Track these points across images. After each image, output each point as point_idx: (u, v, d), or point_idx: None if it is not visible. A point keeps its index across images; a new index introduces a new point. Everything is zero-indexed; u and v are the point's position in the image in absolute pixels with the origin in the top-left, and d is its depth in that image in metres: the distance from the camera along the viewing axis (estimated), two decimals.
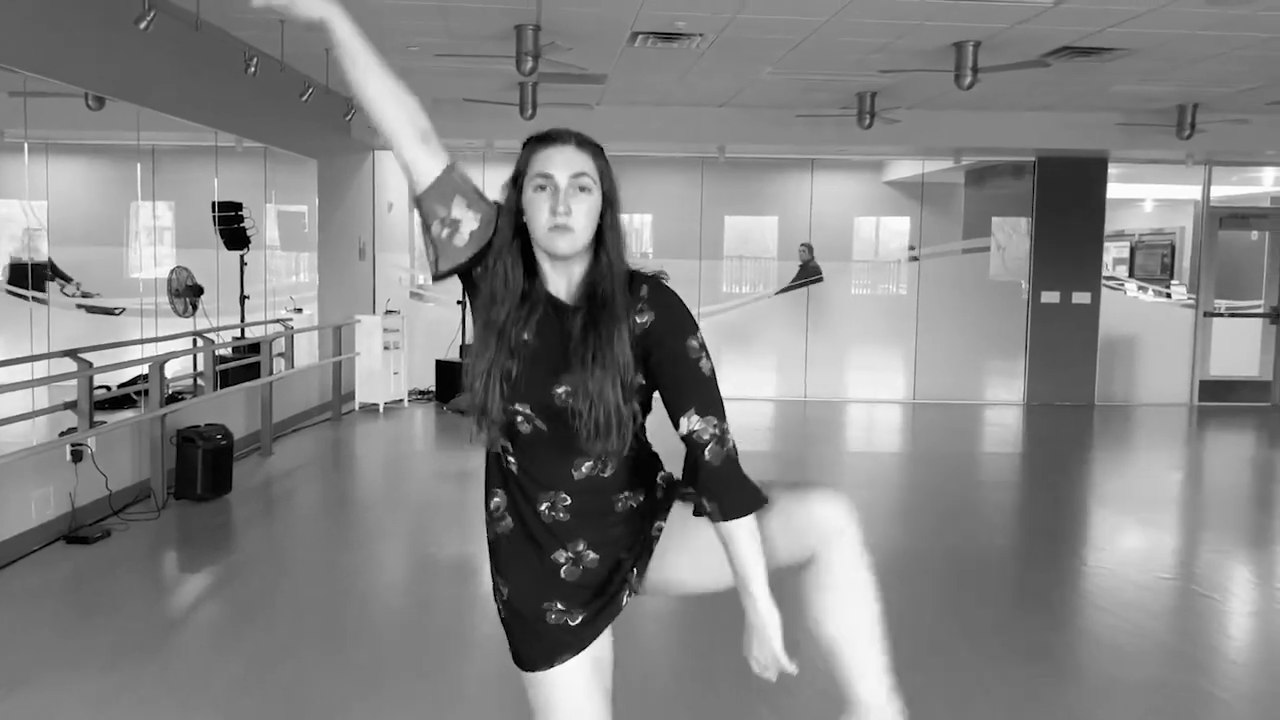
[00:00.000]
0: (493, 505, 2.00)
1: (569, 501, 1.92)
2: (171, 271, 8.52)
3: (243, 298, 9.34)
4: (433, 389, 11.29)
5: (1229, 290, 12.57)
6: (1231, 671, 4.33)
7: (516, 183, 1.89)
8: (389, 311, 10.88)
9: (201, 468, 6.43)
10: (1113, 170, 11.69)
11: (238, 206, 8.91)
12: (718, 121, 10.67)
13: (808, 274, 12.14)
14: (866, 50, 7.82)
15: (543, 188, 1.85)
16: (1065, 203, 11.55)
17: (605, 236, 1.88)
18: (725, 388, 1.91)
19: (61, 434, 6.06)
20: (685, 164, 12.14)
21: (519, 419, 1.89)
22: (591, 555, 1.95)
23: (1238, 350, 12.29)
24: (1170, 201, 16.32)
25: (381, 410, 10.44)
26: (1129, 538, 6.58)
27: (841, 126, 10.29)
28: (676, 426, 1.86)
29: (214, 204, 8.70)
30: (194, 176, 8.95)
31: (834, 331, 12.28)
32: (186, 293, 8.88)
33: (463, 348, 11.16)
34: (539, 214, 1.84)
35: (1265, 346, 12.32)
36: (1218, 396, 12.11)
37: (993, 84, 8.18)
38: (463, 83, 9.44)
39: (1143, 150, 10.88)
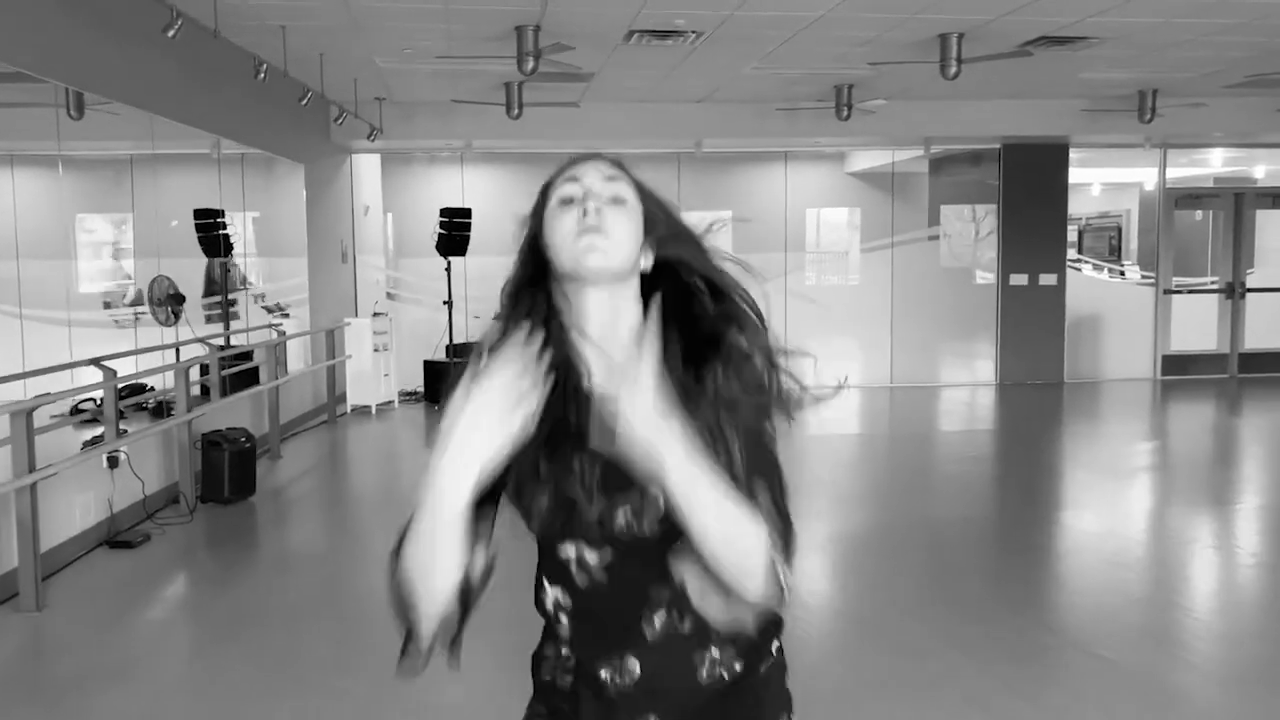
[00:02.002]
0: (547, 655, 1.53)
1: (638, 672, 1.44)
2: (152, 281, 8.49)
3: (227, 304, 9.35)
4: (421, 389, 11.36)
5: (1179, 268, 13.08)
6: (1190, 606, 4.64)
7: (536, 215, 1.46)
8: (377, 314, 10.93)
9: (229, 471, 6.48)
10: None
11: (217, 214, 8.90)
12: (696, 117, 10.88)
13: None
14: (854, 44, 8.08)
15: (568, 200, 1.41)
16: (1030, 188, 11.94)
17: (662, 246, 1.45)
18: None
19: (86, 444, 6.08)
20: (657, 160, 12.36)
21: (572, 567, 1.43)
22: None
23: (1196, 325, 12.79)
24: (1117, 185, 16.92)
25: (374, 412, 10.49)
26: (1109, 498, 6.98)
27: (819, 119, 10.56)
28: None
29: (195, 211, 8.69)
30: (171, 184, 8.92)
31: (809, 320, 12.55)
32: (168, 301, 8.87)
33: (450, 347, 11.25)
34: (562, 227, 1.40)
35: (1221, 321, 12.84)
36: (1179, 370, 12.61)
37: (964, 73, 8.39)
38: (451, 84, 9.55)
39: (1104, 135, 11.30)
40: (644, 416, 1.22)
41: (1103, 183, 17.26)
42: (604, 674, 1.45)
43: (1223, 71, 9.34)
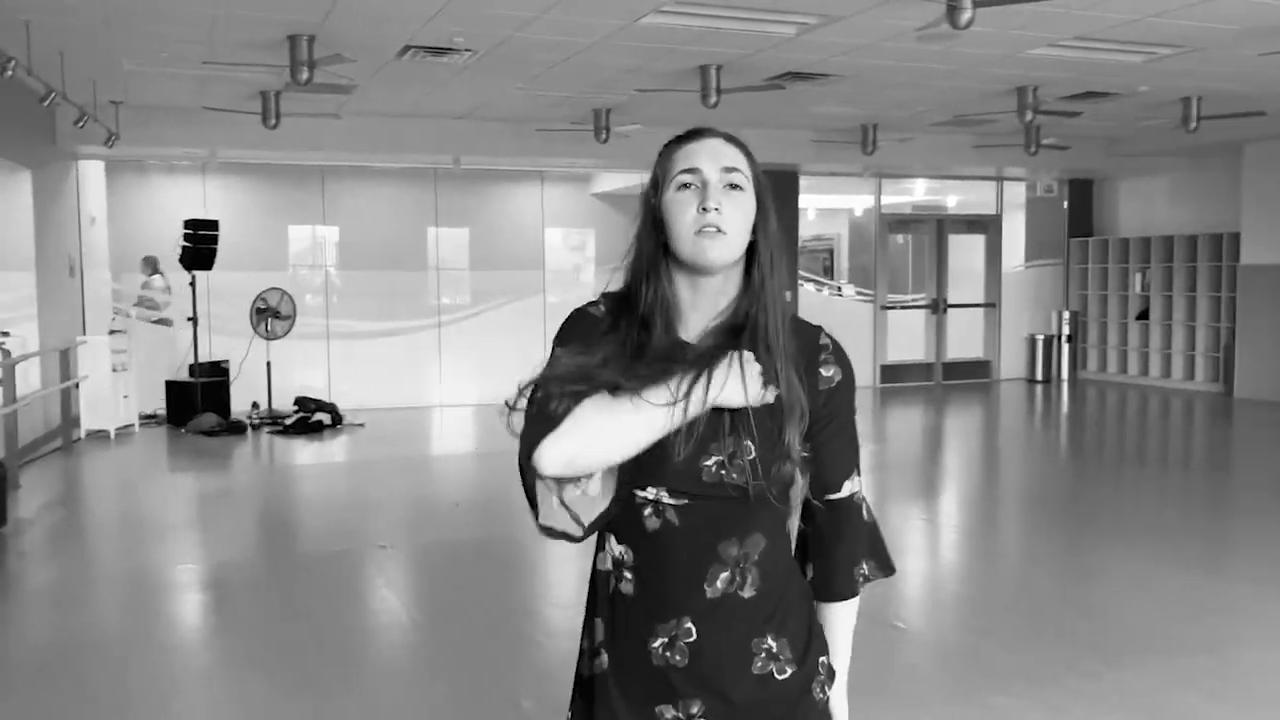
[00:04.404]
0: (590, 641, 1.59)
1: (694, 637, 1.48)
2: None
3: None
4: (163, 411, 10.72)
5: (869, 281, 14.43)
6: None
7: (656, 188, 1.53)
8: (114, 331, 10.23)
9: None
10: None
11: None
12: (456, 133, 10.94)
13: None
14: (620, 70, 8.47)
15: (687, 185, 1.49)
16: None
17: (759, 251, 1.53)
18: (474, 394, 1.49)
19: None
20: (414, 175, 12.31)
21: (647, 510, 1.49)
22: None
23: (906, 338, 14.19)
24: (829, 210, 18.42)
25: (113, 436, 9.81)
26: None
27: (576, 140, 10.90)
28: (835, 490, 1.58)
29: None
30: None
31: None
32: None
33: (194, 367, 10.70)
34: (683, 216, 1.48)
35: (928, 333, 14.31)
36: (895, 378, 13.94)
37: (697, 104, 8.92)
38: (199, 90, 9.14)
39: (829, 164, 12.35)
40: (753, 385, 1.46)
41: (817, 208, 18.74)
42: (657, 643, 1.48)
43: (933, 110, 10.50)
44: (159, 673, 4.22)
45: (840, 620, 1.62)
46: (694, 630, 1.48)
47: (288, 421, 10.45)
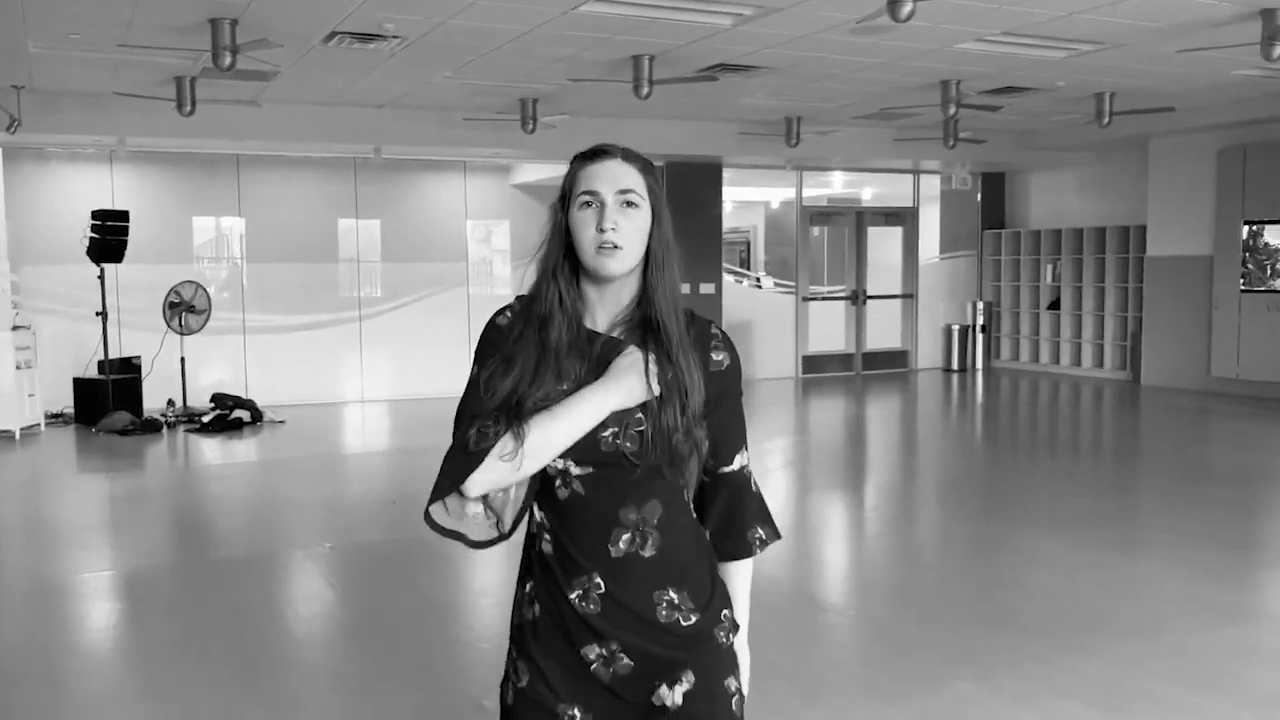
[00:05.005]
0: (523, 592, 1.82)
1: (603, 589, 1.71)
2: None
3: None
4: (71, 410, 10.28)
5: (786, 273, 14.58)
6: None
7: (564, 201, 1.76)
8: (18, 327, 9.75)
9: None
10: None
11: None
12: (379, 122, 10.69)
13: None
14: (553, 59, 8.36)
15: (589, 204, 1.72)
16: (690, 204, 12.84)
17: (654, 255, 1.75)
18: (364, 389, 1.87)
19: None
20: (334, 165, 12.01)
21: (558, 481, 1.73)
22: (625, 660, 1.73)
23: (827, 329, 14.36)
24: (745, 203, 18.55)
25: (18, 437, 9.36)
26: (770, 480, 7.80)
27: (501, 130, 10.75)
28: (727, 463, 1.82)
29: None
30: None
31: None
32: None
33: (103, 364, 10.27)
34: (585, 232, 1.71)
35: (848, 324, 14.49)
36: (816, 369, 14.09)
37: (627, 94, 8.82)
38: (111, 75, 8.75)
39: (753, 156, 12.40)
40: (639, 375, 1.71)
41: (733, 200, 18.85)
42: (574, 595, 1.73)
43: (859, 104, 10.61)
44: (63, 691, 4.02)
45: (739, 578, 1.85)
46: (603, 584, 1.72)
47: (205, 419, 10.10)
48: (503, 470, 1.67)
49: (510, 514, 1.73)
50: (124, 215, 10.26)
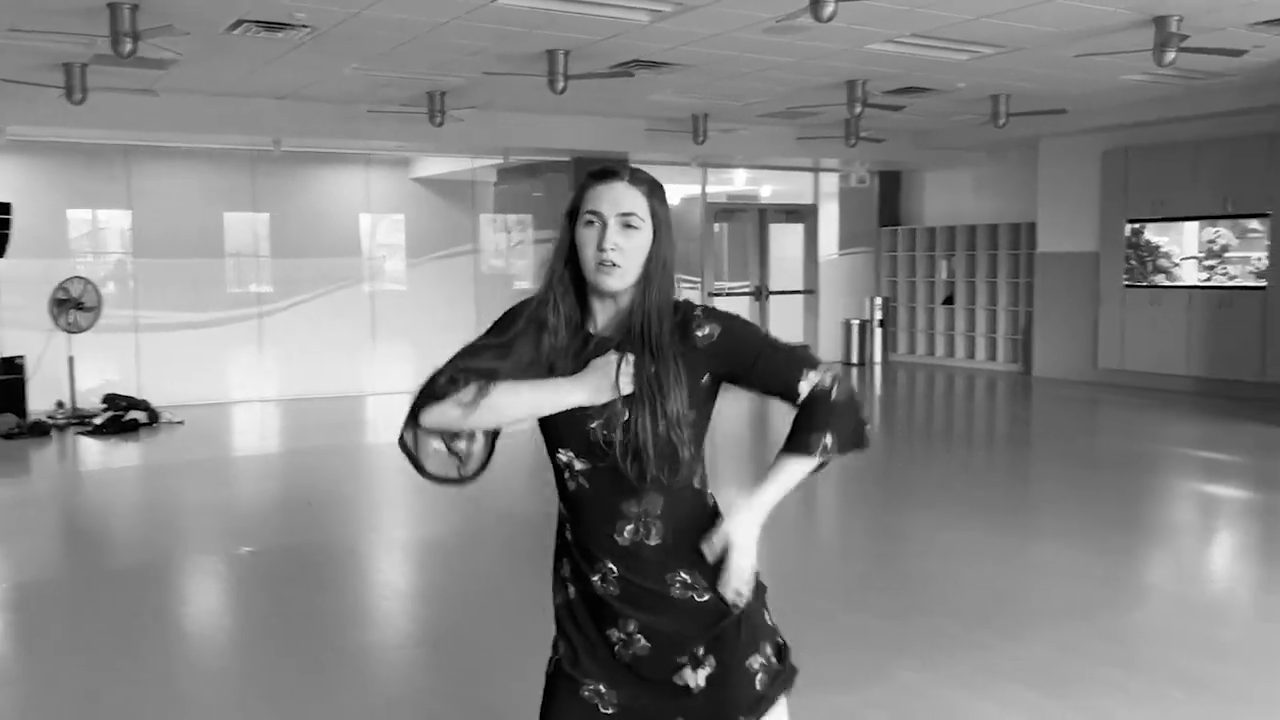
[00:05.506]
0: (557, 576, 1.97)
1: (616, 573, 1.85)
2: None
3: None
4: None
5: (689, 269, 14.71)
6: None
7: (571, 217, 1.89)
8: None
9: None
10: None
11: None
12: (280, 114, 10.37)
13: None
14: (466, 52, 8.24)
15: (591, 223, 1.85)
16: None
17: (649, 272, 1.86)
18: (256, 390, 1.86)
19: None
20: (231, 157, 11.62)
21: (566, 474, 1.88)
22: (643, 643, 1.87)
23: None
24: None
25: None
26: None
27: (406, 123, 10.56)
28: (796, 394, 1.88)
29: None
30: None
31: (367, 327, 12.50)
32: None
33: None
34: (587, 249, 1.85)
35: (753, 320, 14.64)
36: None
37: (545, 88, 8.78)
38: None
39: (660, 153, 12.44)
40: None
41: None
42: (595, 578, 1.87)
43: (766, 102, 10.74)
44: None
45: (786, 465, 1.89)
46: (616, 569, 1.85)
47: (98, 421, 9.68)
48: (454, 415, 1.82)
49: (473, 465, 1.88)
50: (6, 208, 9.75)
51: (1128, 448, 8.97)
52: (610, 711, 1.88)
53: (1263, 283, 11.05)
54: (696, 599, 1.86)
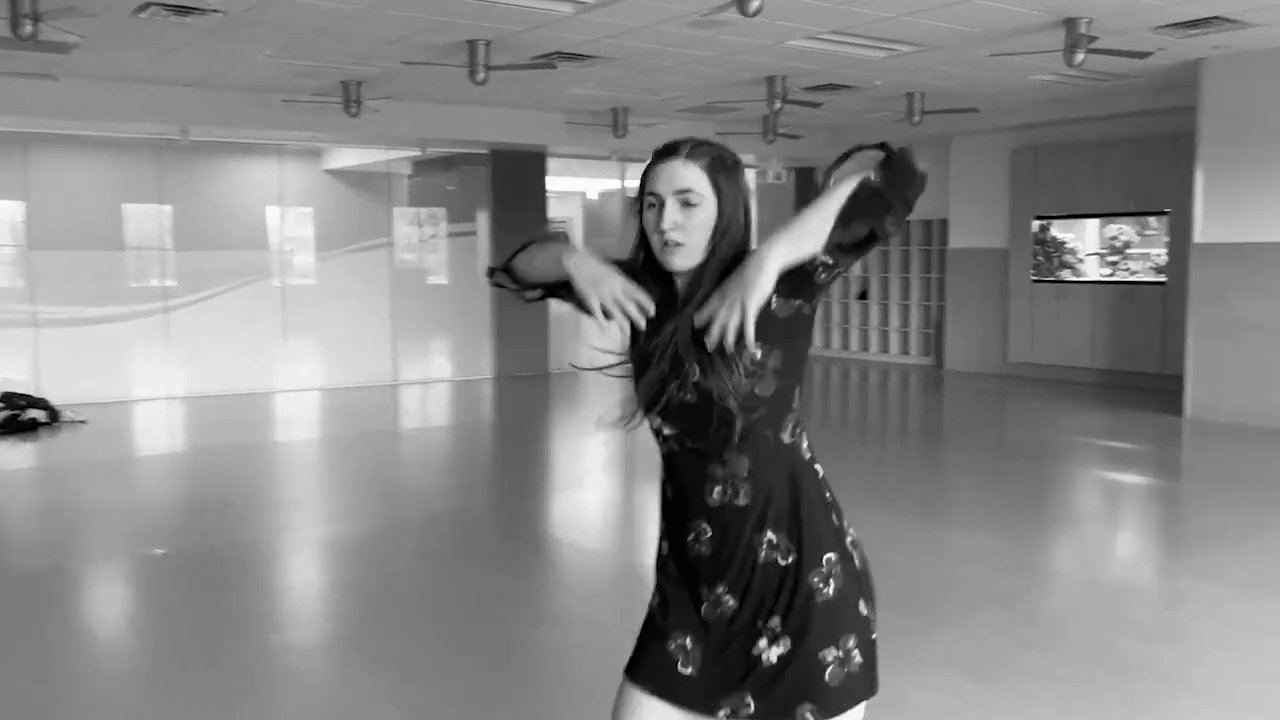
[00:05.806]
0: (661, 530, 2.00)
1: (709, 533, 1.87)
2: None
3: None
4: None
5: None
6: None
7: (639, 201, 1.89)
8: None
9: None
10: None
11: None
12: (188, 102, 10.04)
13: None
14: (384, 41, 8.08)
15: (652, 205, 1.84)
16: (516, 192, 12.72)
17: (718, 248, 1.84)
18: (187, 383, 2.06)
19: None
20: (136, 146, 11.22)
21: (659, 438, 1.92)
22: (730, 603, 1.88)
23: None
24: (560, 194, 18.53)
25: None
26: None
27: (320, 113, 10.32)
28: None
29: None
30: None
31: (285, 323, 12.22)
32: None
33: None
34: (651, 232, 1.85)
35: None
36: None
37: (462, 80, 8.70)
38: None
39: (579, 146, 12.38)
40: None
41: (551, 191, 18.80)
42: (690, 537, 1.90)
43: (687, 96, 10.76)
44: None
45: (836, 194, 1.84)
46: (708, 529, 1.88)
47: None
48: (540, 256, 1.97)
49: (533, 294, 2.05)
50: None
51: (1037, 438, 9.20)
52: (688, 671, 1.89)
53: (1162, 278, 11.44)
54: (780, 561, 1.85)
